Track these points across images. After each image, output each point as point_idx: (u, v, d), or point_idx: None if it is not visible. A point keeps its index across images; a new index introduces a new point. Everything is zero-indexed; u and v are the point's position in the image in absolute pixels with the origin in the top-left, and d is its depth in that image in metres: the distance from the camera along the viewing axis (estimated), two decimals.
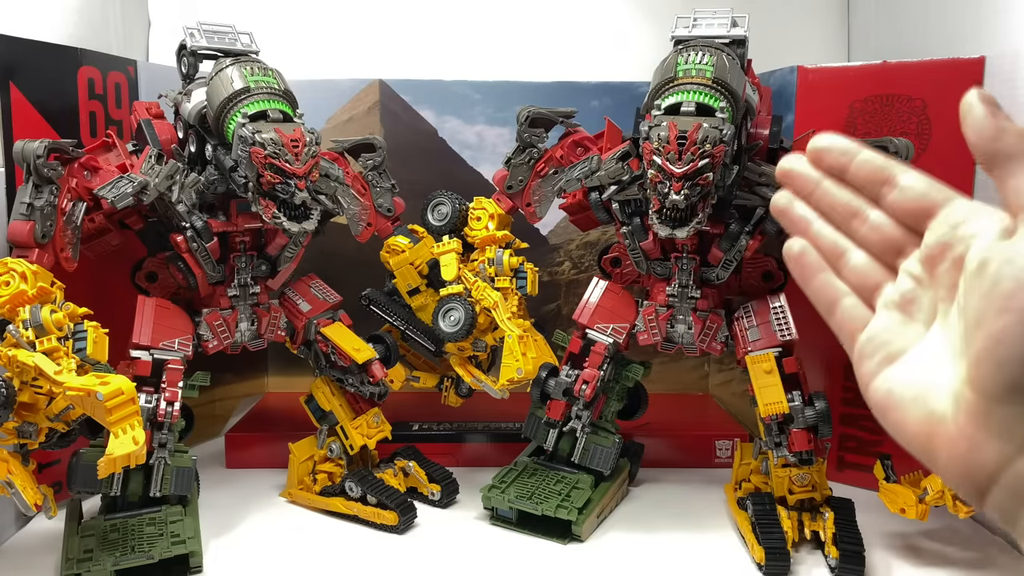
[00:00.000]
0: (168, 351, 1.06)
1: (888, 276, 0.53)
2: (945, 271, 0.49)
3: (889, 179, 0.52)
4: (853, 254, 0.55)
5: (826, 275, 0.56)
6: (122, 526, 1.01)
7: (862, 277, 0.54)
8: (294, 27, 1.60)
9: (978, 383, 0.44)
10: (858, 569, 0.99)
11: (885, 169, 0.52)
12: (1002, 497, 0.45)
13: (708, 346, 1.14)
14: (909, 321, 0.51)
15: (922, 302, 0.51)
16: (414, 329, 1.27)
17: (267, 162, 0.96)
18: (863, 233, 0.54)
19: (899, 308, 0.52)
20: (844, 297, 0.55)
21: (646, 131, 0.96)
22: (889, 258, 0.53)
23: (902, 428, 0.49)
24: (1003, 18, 1.10)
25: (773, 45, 1.29)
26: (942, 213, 0.50)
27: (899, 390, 0.50)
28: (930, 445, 0.48)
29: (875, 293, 0.53)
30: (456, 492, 1.22)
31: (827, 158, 0.54)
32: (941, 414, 0.47)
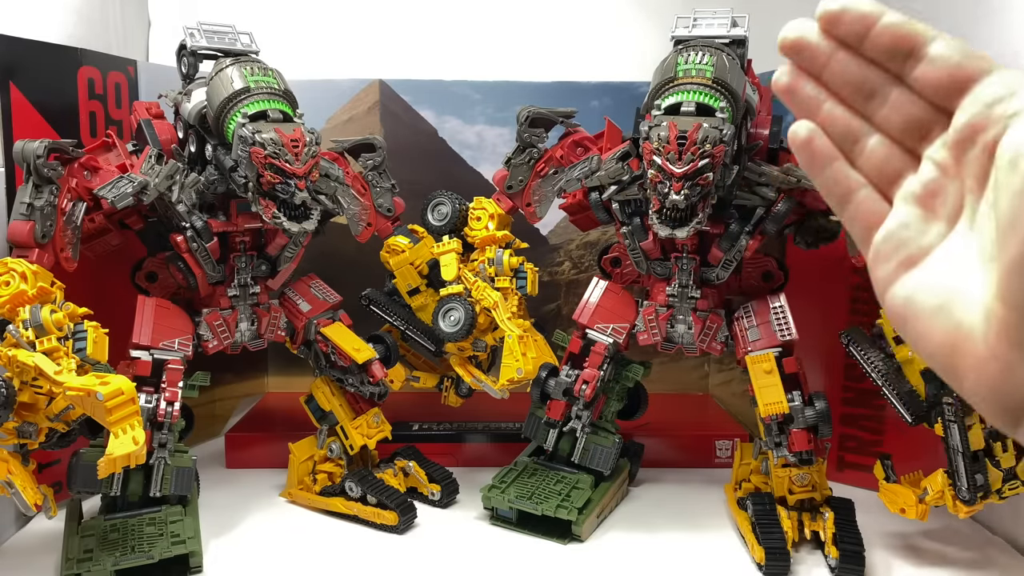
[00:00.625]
0: (168, 351, 1.06)
1: (911, 165, 0.46)
2: (975, 158, 0.42)
3: (916, 49, 0.44)
4: (870, 139, 0.47)
5: (839, 164, 0.48)
6: (122, 526, 1.01)
7: (880, 165, 0.47)
8: (294, 27, 1.60)
9: (1011, 297, 0.38)
10: (858, 569, 0.99)
11: (911, 36, 0.44)
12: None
13: (708, 346, 1.14)
14: (932, 217, 0.45)
15: (947, 194, 0.44)
16: (414, 329, 1.27)
17: (267, 162, 0.96)
18: (883, 115, 0.46)
19: (920, 202, 0.45)
20: (859, 188, 0.47)
21: (646, 131, 0.96)
22: (912, 143, 0.46)
23: (924, 341, 0.44)
24: (1003, 18, 1.10)
25: (773, 45, 1.28)
26: (977, 88, 0.42)
27: (920, 298, 0.44)
28: (956, 364, 0.42)
29: (895, 185, 0.47)
30: (456, 492, 1.22)
31: (843, 23, 0.45)
32: (968, 329, 0.41)
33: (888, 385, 1.03)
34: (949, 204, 0.44)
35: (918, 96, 0.45)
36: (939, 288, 0.43)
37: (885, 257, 0.46)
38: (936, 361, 0.43)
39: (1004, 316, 0.39)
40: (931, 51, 0.44)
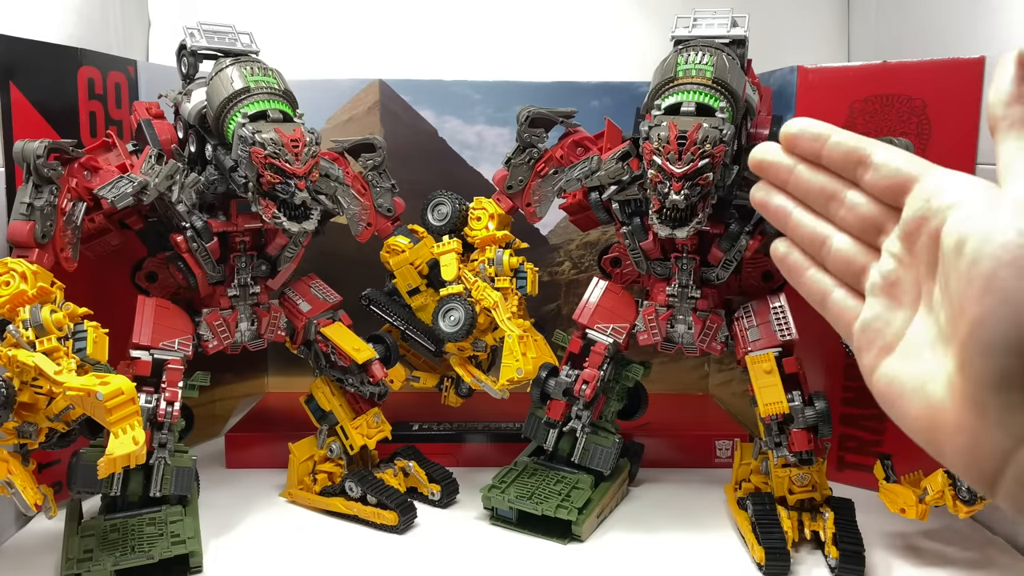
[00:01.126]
0: (168, 351, 1.06)
1: (873, 258, 0.51)
2: (923, 247, 0.47)
3: (863, 159, 0.50)
4: (835, 239, 0.53)
5: (812, 271, 0.54)
6: (122, 526, 1.01)
7: (846, 262, 0.52)
8: (294, 27, 1.60)
9: (968, 371, 0.42)
10: (858, 569, 0.99)
11: (858, 149, 0.50)
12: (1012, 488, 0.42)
13: (708, 346, 1.14)
14: (896, 305, 0.49)
15: (905, 283, 0.49)
16: (414, 329, 1.27)
17: (267, 162, 0.96)
18: (842, 215, 0.52)
19: (884, 292, 0.50)
20: (833, 290, 0.53)
21: (646, 131, 0.96)
22: (871, 238, 0.51)
23: (905, 420, 0.47)
24: (1003, 18, 1.10)
25: (773, 45, 1.29)
26: (917, 187, 0.47)
27: (899, 380, 0.48)
28: (934, 437, 0.45)
29: (862, 278, 0.51)
30: (456, 492, 1.22)
31: (799, 143, 0.53)
32: (940, 405, 0.44)
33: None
34: (909, 291, 0.49)
35: (870, 197, 0.51)
36: (913, 370, 0.47)
37: (866, 347, 0.51)
38: (919, 437, 0.47)
39: (964, 389, 0.42)
40: (875, 159, 0.50)
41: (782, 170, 0.54)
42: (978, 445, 0.42)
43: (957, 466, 0.45)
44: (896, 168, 0.49)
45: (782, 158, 0.54)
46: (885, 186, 0.49)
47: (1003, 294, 0.40)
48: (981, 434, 0.42)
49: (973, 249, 0.41)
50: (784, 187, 0.55)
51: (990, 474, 0.43)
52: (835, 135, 0.51)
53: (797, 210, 0.54)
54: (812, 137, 0.52)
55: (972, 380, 0.42)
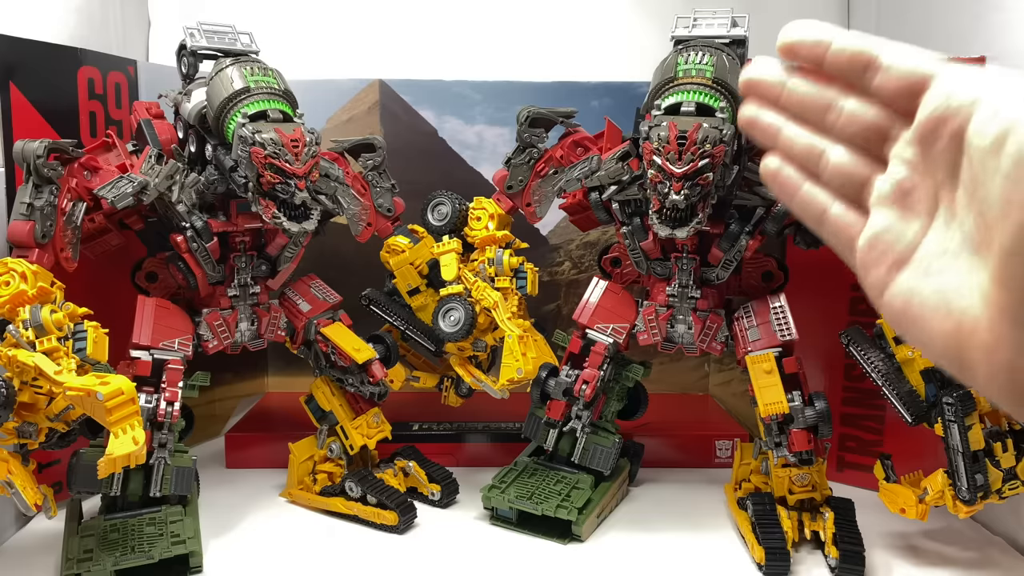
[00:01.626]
0: (168, 351, 1.06)
1: (876, 169, 0.47)
2: (943, 149, 0.43)
3: (870, 61, 0.46)
4: (832, 152, 0.49)
5: (807, 186, 0.50)
6: (122, 526, 1.01)
7: (846, 175, 0.48)
8: (294, 27, 1.60)
9: (1009, 280, 0.38)
10: (858, 569, 0.99)
11: (864, 52, 0.46)
12: None
13: (708, 346, 1.14)
14: (909, 215, 0.45)
15: (920, 190, 0.45)
16: (414, 329, 1.27)
17: (267, 162, 0.96)
18: (841, 125, 0.48)
19: (895, 202, 0.46)
20: (831, 205, 0.49)
21: (646, 131, 0.96)
22: (875, 147, 0.47)
23: (930, 341, 0.44)
24: (1003, 18, 1.10)
25: (773, 45, 1.29)
26: (934, 85, 0.43)
27: (917, 298, 0.44)
28: (965, 358, 0.42)
29: (864, 191, 0.48)
30: (456, 492, 1.22)
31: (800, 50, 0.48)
32: (972, 320, 0.41)
33: (888, 385, 1.03)
34: (923, 199, 0.45)
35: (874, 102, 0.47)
36: (935, 285, 0.43)
37: (873, 263, 0.46)
38: (945, 359, 0.43)
39: (1005, 300, 0.39)
40: (884, 60, 0.45)
41: (773, 85, 0.51)
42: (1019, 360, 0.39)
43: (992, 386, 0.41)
44: (909, 68, 0.44)
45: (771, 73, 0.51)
46: (897, 88, 0.45)
47: None
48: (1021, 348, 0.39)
49: (1018, 145, 0.37)
50: (776, 103, 0.51)
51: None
52: (838, 38, 0.47)
53: (789, 125, 0.51)
54: (813, 43, 0.48)
55: (1013, 290, 0.38)
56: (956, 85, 0.42)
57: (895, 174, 0.46)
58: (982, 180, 0.40)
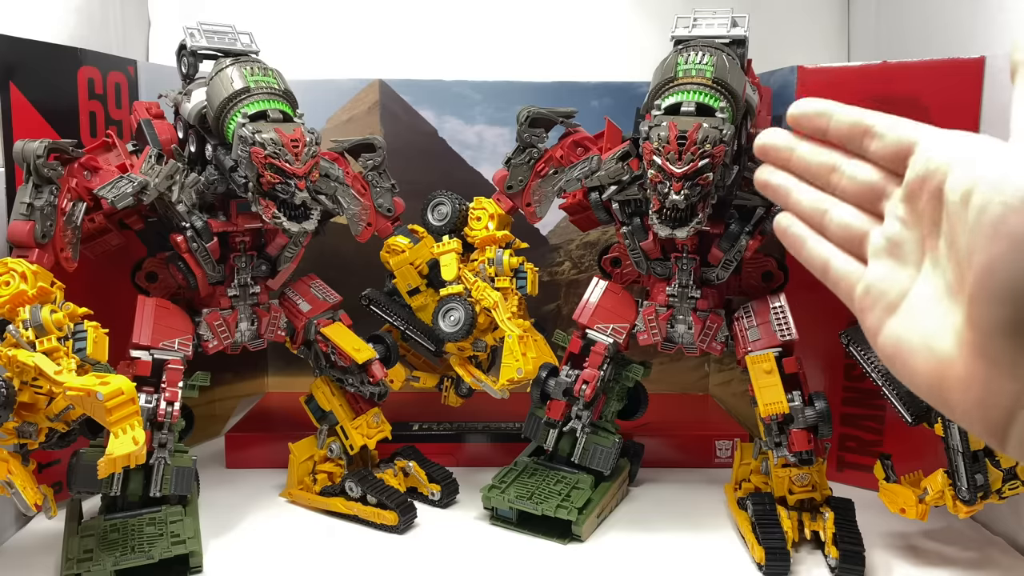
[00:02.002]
0: (168, 351, 1.06)
1: (874, 224, 0.53)
2: (927, 205, 0.48)
3: (868, 129, 0.53)
4: (836, 209, 0.55)
5: (813, 240, 0.57)
6: (122, 526, 1.01)
7: (847, 229, 0.54)
8: (294, 27, 1.60)
9: (977, 321, 0.43)
10: (858, 569, 0.99)
11: (862, 121, 0.53)
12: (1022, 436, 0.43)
13: (708, 346, 1.14)
14: (900, 266, 0.50)
15: (909, 243, 0.50)
16: (414, 329, 1.27)
17: (267, 162, 0.96)
18: (843, 186, 0.55)
19: (888, 253, 0.51)
20: (834, 256, 0.55)
21: (646, 131, 0.96)
22: (872, 204, 0.54)
23: (913, 377, 0.48)
24: (1003, 18, 1.10)
25: (773, 45, 1.29)
26: (918, 148, 0.50)
27: (905, 339, 0.48)
28: (943, 391, 0.46)
29: (863, 244, 0.53)
30: (456, 492, 1.22)
31: (806, 121, 0.56)
32: (948, 358, 0.45)
33: (888, 385, 1.03)
34: (912, 251, 0.50)
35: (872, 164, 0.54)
36: (919, 328, 0.48)
37: (869, 308, 0.52)
38: (929, 396, 0.48)
39: (974, 339, 0.43)
40: (878, 128, 0.53)
41: (784, 151, 0.58)
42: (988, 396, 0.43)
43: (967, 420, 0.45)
44: (899, 134, 0.51)
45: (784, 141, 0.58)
46: (888, 152, 0.51)
47: (1011, 240, 0.40)
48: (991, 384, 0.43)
49: (981, 198, 0.42)
50: (787, 166, 0.58)
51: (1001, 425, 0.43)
52: (839, 110, 0.54)
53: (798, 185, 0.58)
54: (817, 114, 0.55)
55: (981, 330, 0.42)
56: (935, 149, 0.48)
57: (888, 228, 0.52)
58: (957, 232, 0.45)
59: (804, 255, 0.57)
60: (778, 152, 0.58)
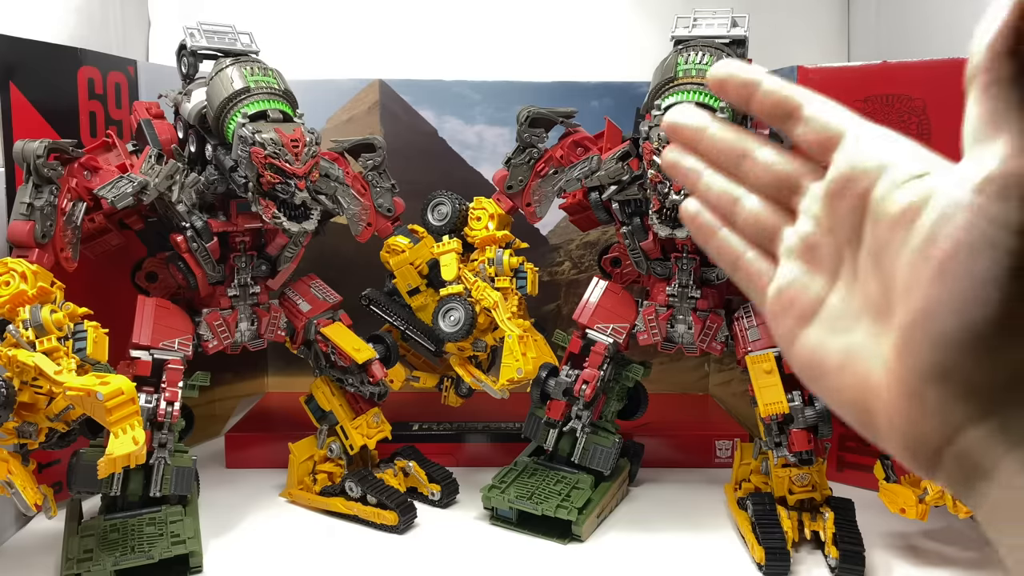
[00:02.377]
0: (168, 351, 1.06)
1: (787, 220, 0.47)
2: (847, 209, 0.42)
3: (794, 110, 0.46)
4: (746, 200, 0.49)
5: (723, 232, 0.51)
6: (122, 526, 1.01)
7: (757, 224, 0.48)
8: (294, 27, 1.60)
9: (908, 359, 0.38)
10: (858, 569, 0.99)
11: (790, 99, 0.46)
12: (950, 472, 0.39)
13: (708, 346, 1.14)
14: (815, 270, 0.45)
15: (824, 247, 0.45)
16: (414, 329, 1.27)
17: (267, 162, 0.96)
18: (756, 174, 0.48)
19: (801, 256, 0.46)
20: (745, 252, 0.49)
21: (646, 131, 0.97)
22: (786, 199, 0.48)
23: (831, 396, 0.44)
24: None
25: (773, 45, 1.29)
26: (844, 142, 0.43)
27: (821, 354, 0.44)
28: (868, 418, 0.42)
29: (774, 242, 0.48)
30: (456, 492, 1.22)
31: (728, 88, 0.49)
32: (875, 385, 0.41)
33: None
34: (828, 256, 0.45)
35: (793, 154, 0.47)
36: (838, 344, 0.43)
37: (780, 314, 0.46)
38: (847, 415, 0.43)
39: (903, 376, 0.39)
40: (807, 111, 0.45)
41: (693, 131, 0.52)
42: (915, 431, 0.39)
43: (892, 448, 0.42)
44: (825, 122, 0.44)
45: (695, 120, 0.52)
46: (813, 140, 0.45)
47: (956, 282, 0.36)
48: (918, 421, 0.39)
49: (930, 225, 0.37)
50: (696, 148, 0.52)
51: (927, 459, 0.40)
52: (766, 82, 0.47)
53: (708, 171, 0.51)
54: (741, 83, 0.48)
55: (911, 370, 0.38)
56: (866, 146, 0.42)
57: (802, 228, 0.46)
58: (887, 250, 0.40)
59: (713, 247, 0.51)
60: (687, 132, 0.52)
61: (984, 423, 0.37)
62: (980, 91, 0.37)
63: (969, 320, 0.36)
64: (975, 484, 0.38)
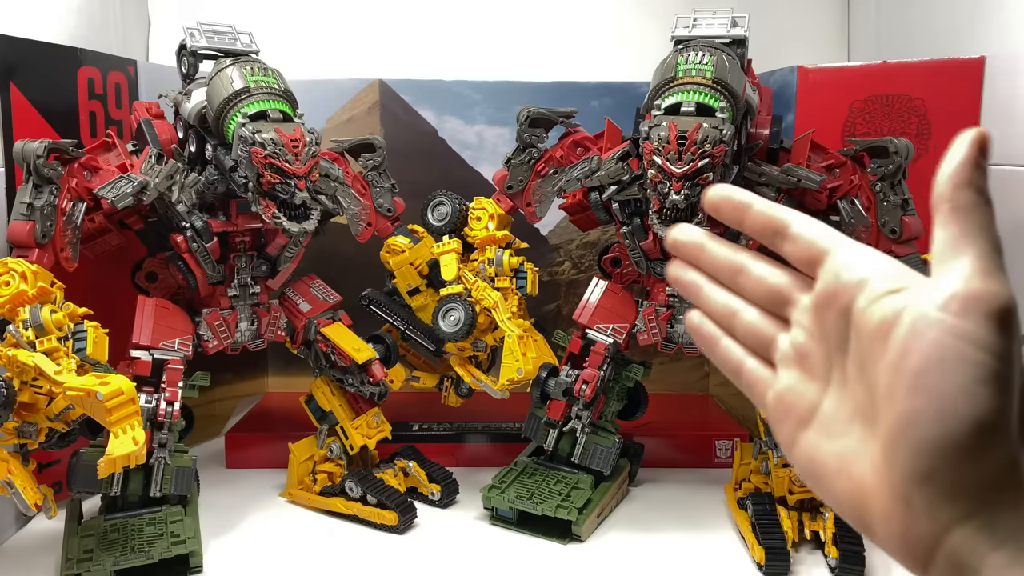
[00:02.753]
0: (168, 351, 1.06)
1: (782, 329, 0.51)
2: (833, 321, 0.45)
3: (781, 228, 0.50)
4: (745, 312, 0.53)
5: (725, 341, 0.54)
6: (122, 526, 1.01)
7: (755, 334, 0.52)
8: (294, 27, 1.60)
9: (893, 463, 0.41)
10: (858, 569, 0.99)
11: (777, 219, 0.50)
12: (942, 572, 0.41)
13: None
14: (809, 377, 0.48)
15: (815, 355, 0.48)
16: (414, 329, 1.27)
17: (267, 162, 0.96)
18: (751, 288, 0.52)
19: (795, 363, 0.49)
20: (745, 359, 0.52)
21: (646, 131, 0.96)
22: (779, 309, 0.51)
23: (831, 498, 0.46)
24: (1003, 18, 1.10)
25: (773, 45, 1.29)
26: (828, 259, 0.47)
27: (819, 458, 0.46)
28: (865, 518, 0.44)
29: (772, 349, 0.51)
30: (456, 492, 1.22)
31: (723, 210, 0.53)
32: (868, 488, 0.43)
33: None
34: (819, 364, 0.47)
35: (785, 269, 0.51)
36: (835, 449, 0.45)
37: (781, 419, 0.49)
38: (850, 517, 0.45)
39: (891, 480, 0.41)
40: (792, 230, 0.49)
41: (694, 248, 0.55)
42: (907, 532, 0.41)
43: (888, 548, 0.43)
44: (810, 239, 0.48)
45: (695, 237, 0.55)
46: (801, 257, 0.49)
47: (932, 392, 0.39)
48: (909, 522, 0.41)
49: (902, 339, 0.40)
50: (697, 263, 0.55)
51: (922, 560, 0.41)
52: (756, 204, 0.51)
53: (708, 284, 0.55)
54: (734, 206, 0.52)
55: (898, 473, 0.41)
56: (847, 262, 0.45)
57: (794, 337, 0.49)
58: (869, 360, 0.42)
59: (717, 356, 0.55)
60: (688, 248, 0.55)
61: (970, 522, 0.39)
62: (944, 217, 0.41)
63: (947, 428, 0.38)
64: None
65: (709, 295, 0.55)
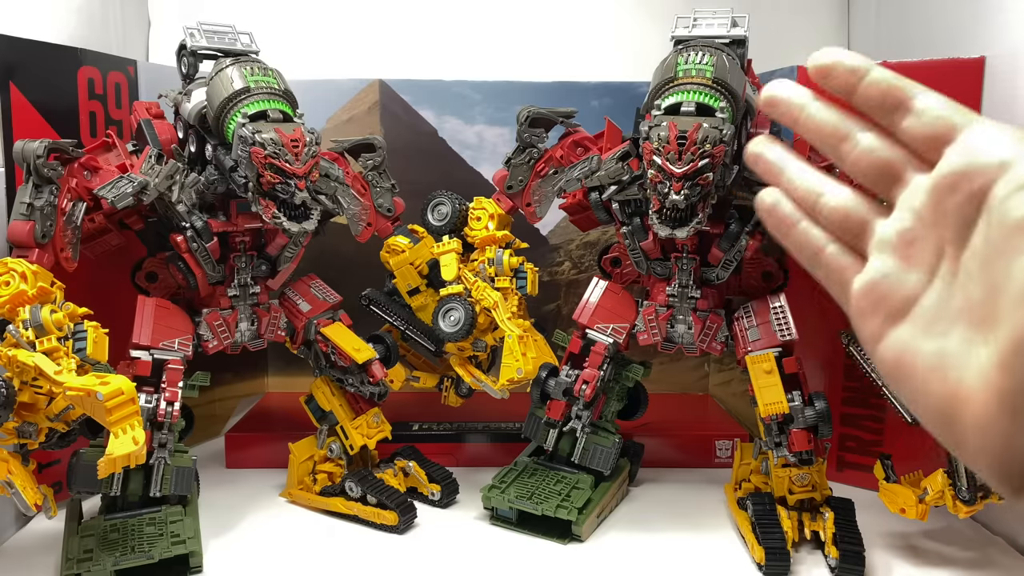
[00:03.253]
0: (168, 351, 1.06)
1: (878, 213, 0.45)
2: (957, 206, 0.40)
3: (904, 101, 0.44)
4: (833, 192, 0.47)
5: (803, 224, 0.48)
6: (122, 526, 1.01)
7: (845, 216, 0.46)
8: (294, 27, 1.60)
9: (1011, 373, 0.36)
10: (858, 569, 0.99)
11: (899, 90, 0.44)
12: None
13: (708, 346, 1.14)
14: (909, 266, 0.43)
15: (924, 243, 0.42)
16: (414, 329, 1.27)
17: (267, 162, 0.96)
18: (853, 159, 0.46)
19: (896, 251, 0.43)
20: (826, 245, 0.47)
21: (646, 131, 0.96)
22: (884, 188, 0.45)
23: (921, 402, 0.42)
24: (1003, 18, 1.10)
25: (773, 45, 1.29)
26: (961, 137, 0.41)
27: (912, 356, 0.41)
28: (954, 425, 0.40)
29: (863, 235, 0.45)
30: (456, 492, 1.22)
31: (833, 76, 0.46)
32: (967, 393, 0.38)
33: (888, 385, 1.03)
34: (926, 252, 0.43)
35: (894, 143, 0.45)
36: (932, 347, 0.41)
37: (869, 311, 0.45)
38: (936, 423, 0.41)
39: (1006, 389, 0.37)
40: (917, 103, 0.44)
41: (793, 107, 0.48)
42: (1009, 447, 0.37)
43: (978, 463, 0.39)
44: (940, 115, 0.42)
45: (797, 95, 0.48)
46: (923, 134, 0.43)
47: None
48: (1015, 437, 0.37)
49: None
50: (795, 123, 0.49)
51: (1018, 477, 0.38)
52: (874, 71, 0.45)
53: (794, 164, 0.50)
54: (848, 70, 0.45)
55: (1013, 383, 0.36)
56: (986, 143, 0.40)
57: (900, 221, 0.44)
58: (1000, 254, 0.37)
59: (792, 239, 0.49)
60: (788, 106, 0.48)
61: None
62: None
63: None
64: None
65: (793, 174, 0.49)
